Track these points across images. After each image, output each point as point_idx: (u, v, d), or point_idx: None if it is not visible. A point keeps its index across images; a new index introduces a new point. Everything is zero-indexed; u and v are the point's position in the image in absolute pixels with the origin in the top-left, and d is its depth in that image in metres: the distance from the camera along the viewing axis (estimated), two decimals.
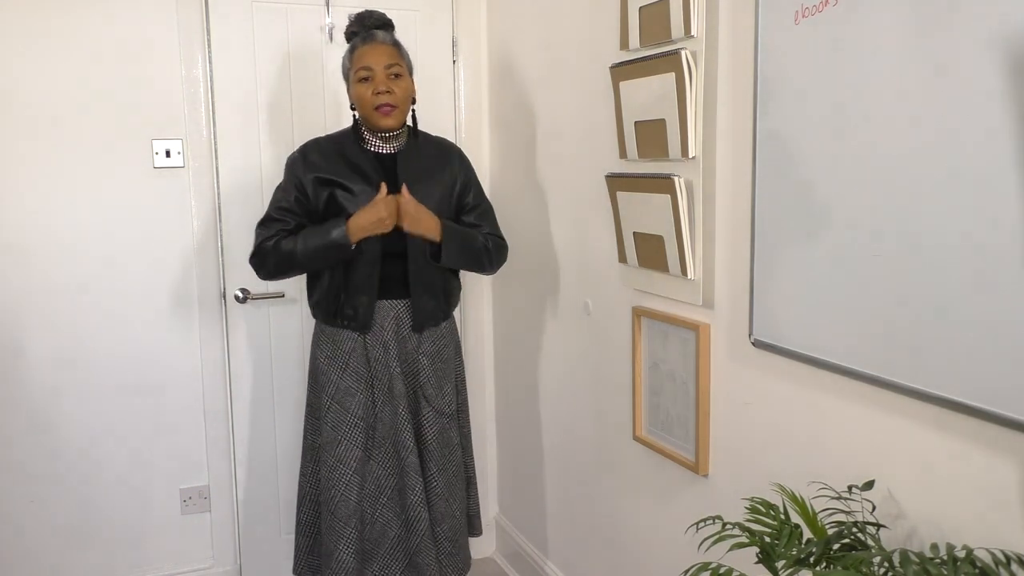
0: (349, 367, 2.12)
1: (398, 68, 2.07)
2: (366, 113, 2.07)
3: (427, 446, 2.16)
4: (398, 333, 2.14)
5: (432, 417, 2.16)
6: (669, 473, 1.89)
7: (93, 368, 2.53)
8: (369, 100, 2.04)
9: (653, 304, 1.90)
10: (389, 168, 2.12)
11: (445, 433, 2.19)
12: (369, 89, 2.04)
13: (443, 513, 2.17)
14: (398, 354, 2.13)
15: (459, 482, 2.23)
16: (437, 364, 2.18)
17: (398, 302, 2.13)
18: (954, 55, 1.09)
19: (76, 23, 2.41)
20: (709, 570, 1.11)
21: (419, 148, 2.17)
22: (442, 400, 2.18)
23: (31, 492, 2.52)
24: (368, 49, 2.06)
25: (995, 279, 1.06)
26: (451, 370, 2.24)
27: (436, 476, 2.16)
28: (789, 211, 1.42)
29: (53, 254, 2.46)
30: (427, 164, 2.16)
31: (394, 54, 2.07)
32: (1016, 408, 1.04)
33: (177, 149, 2.55)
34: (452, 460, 2.20)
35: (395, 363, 2.12)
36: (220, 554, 2.72)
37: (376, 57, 2.04)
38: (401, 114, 2.09)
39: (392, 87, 2.05)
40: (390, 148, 2.14)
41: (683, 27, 1.64)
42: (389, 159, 2.13)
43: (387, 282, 2.11)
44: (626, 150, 1.88)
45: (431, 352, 2.18)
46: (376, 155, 2.13)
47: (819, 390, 1.41)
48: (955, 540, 1.10)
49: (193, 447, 2.66)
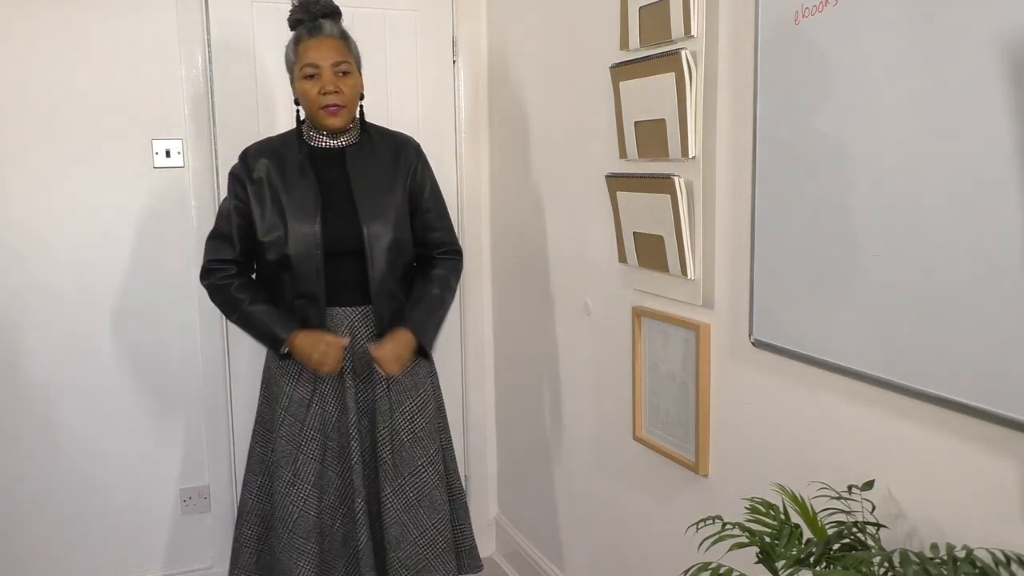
0: (302, 377, 2.02)
1: (346, 65, 1.95)
2: (311, 111, 1.97)
3: (382, 465, 2.02)
4: (353, 344, 2.01)
5: (386, 435, 2.03)
6: (669, 473, 1.89)
7: (93, 368, 2.53)
8: (315, 99, 1.93)
9: (653, 304, 1.90)
10: (338, 163, 2.02)
11: (403, 452, 2.04)
12: (315, 87, 1.92)
13: (398, 538, 2.02)
14: (353, 367, 2.01)
15: (422, 508, 2.05)
16: (394, 380, 2.04)
17: (352, 309, 2.01)
18: (954, 55, 1.09)
19: (76, 23, 2.41)
20: (709, 570, 1.11)
21: (371, 143, 2.06)
22: (400, 417, 2.04)
23: (31, 492, 2.52)
24: (314, 43, 1.93)
25: (995, 279, 1.06)
26: (419, 385, 2.09)
27: (390, 497, 2.02)
28: (789, 211, 1.42)
29: (53, 254, 2.46)
30: (380, 161, 2.05)
31: (342, 49, 1.95)
32: (1016, 408, 1.04)
33: (177, 149, 2.55)
34: (412, 483, 2.05)
35: (348, 373, 2.01)
36: (220, 554, 2.72)
37: (323, 53, 1.92)
38: (348, 113, 1.98)
39: (340, 85, 1.93)
40: (338, 143, 2.04)
41: (683, 27, 1.64)
42: (338, 154, 2.03)
43: (339, 288, 1.99)
44: (626, 150, 1.88)
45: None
46: (324, 151, 2.03)
47: (819, 390, 1.41)
48: (955, 540, 1.10)
49: (193, 447, 2.66)
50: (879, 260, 1.23)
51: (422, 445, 2.07)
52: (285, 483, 2.01)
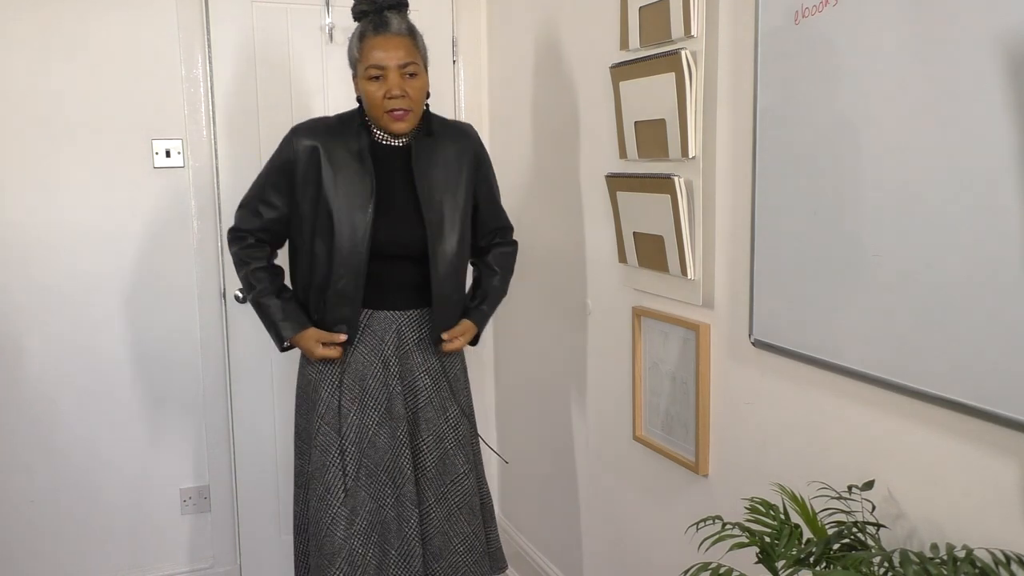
0: (343, 384, 1.93)
1: (413, 67, 1.83)
2: (375, 115, 1.86)
3: (425, 474, 1.96)
4: (399, 348, 1.93)
5: (431, 443, 1.96)
6: (669, 473, 1.89)
7: (93, 368, 2.53)
8: (380, 103, 1.83)
9: (653, 304, 1.90)
10: (401, 161, 1.92)
11: (446, 460, 1.98)
12: (381, 90, 1.82)
13: (440, 549, 1.96)
14: (400, 372, 1.93)
15: (463, 515, 1.99)
16: (441, 384, 1.99)
17: (401, 313, 1.94)
18: (954, 54, 1.09)
19: (76, 23, 2.41)
20: (709, 570, 1.11)
21: (435, 141, 1.95)
22: (445, 424, 1.98)
23: (31, 492, 2.52)
24: (381, 42, 1.82)
25: (995, 279, 1.06)
26: (459, 391, 2.05)
27: (434, 507, 1.95)
28: (789, 211, 1.42)
29: (53, 254, 2.46)
30: (445, 160, 1.95)
31: (410, 48, 1.84)
32: (1016, 408, 1.04)
33: (177, 149, 2.55)
34: (455, 491, 1.99)
35: (395, 381, 1.93)
36: (220, 554, 2.72)
37: (390, 53, 1.81)
38: (415, 117, 1.87)
39: (407, 89, 1.82)
40: (400, 141, 1.93)
41: (683, 27, 1.64)
42: (401, 151, 1.93)
43: (387, 290, 1.92)
44: (626, 150, 1.88)
45: (435, 371, 1.98)
46: (388, 148, 1.93)
47: (819, 390, 1.41)
48: (955, 540, 1.10)
49: (193, 447, 2.66)
50: (879, 260, 1.23)
51: (464, 451, 2.01)
52: (317, 497, 1.92)
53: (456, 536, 2.00)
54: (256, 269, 1.96)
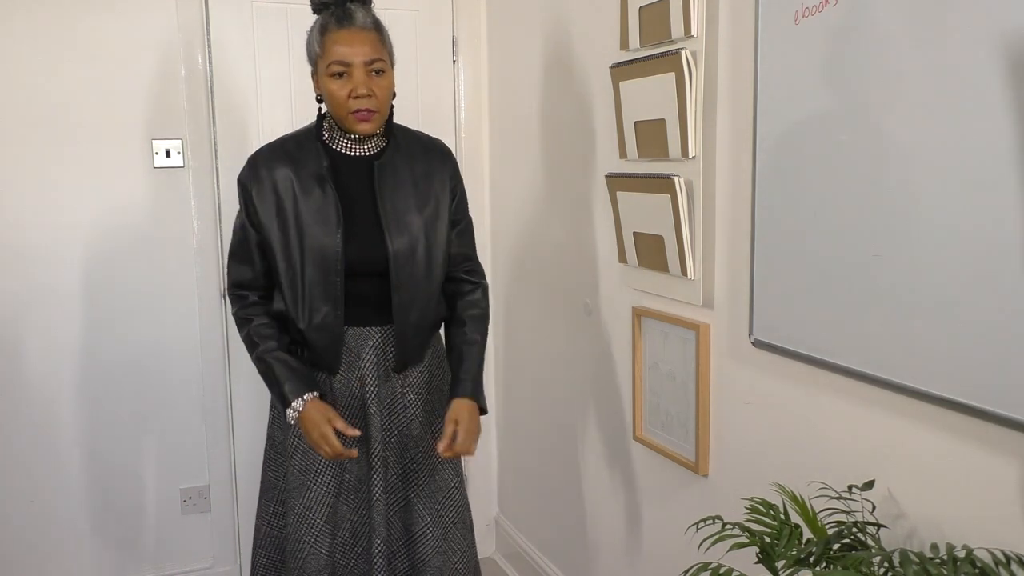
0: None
1: (380, 63, 1.68)
2: (339, 115, 1.71)
3: (419, 492, 1.87)
4: (378, 365, 1.80)
5: (421, 459, 1.87)
6: (669, 473, 1.89)
7: (93, 368, 2.53)
8: (344, 103, 1.68)
9: (653, 304, 1.90)
10: (364, 174, 1.78)
11: (436, 476, 1.89)
12: (344, 89, 1.67)
13: (440, 568, 1.87)
14: (377, 390, 1.81)
15: (458, 530, 1.92)
16: (427, 398, 1.88)
17: (378, 329, 1.80)
18: (954, 54, 1.09)
19: (76, 23, 2.41)
20: (709, 570, 1.11)
21: (401, 152, 1.81)
22: (432, 438, 1.87)
23: (31, 492, 2.52)
24: (344, 36, 1.66)
25: (995, 278, 1.06)
26: (444, 402, 1.90)
27: (431, 527, 1.86)
28: (789, 211, 1.42)
29: (53, 254, 2.46)
30: (411, 173, 1.81)
31: (376, 44, 1.69)
32: (1016, 408, 1.04)
33: (177, 149, 2.55)
34: (448, 506, 1.90)
35: (372, 400, 1.80)
36: (220, 554, 2.72)
37: (355, 49, 1.66)
38: (381, 118, 1.73)
39: (373, 87, 1.67)
40: (363, 150, 1.79)
41: (683, 27, 1.64)
42: (364, 164, 1.78)
43: (364, 307, 1.79)
44: (626, 150, 1.88)
45: (418, 385, 1.87)
46: (348, 159, 1.78)
47: (819, 390, 1.41)
48: (955, 540, 1.10)
49: (193, 447, 2.66)
50: (879, 260, 1.23)
51: (452, 465, 1.93)
52: (296, 516, 1.83)
53: (455, 553, 1.93)
54: (257, 326, 1.82)
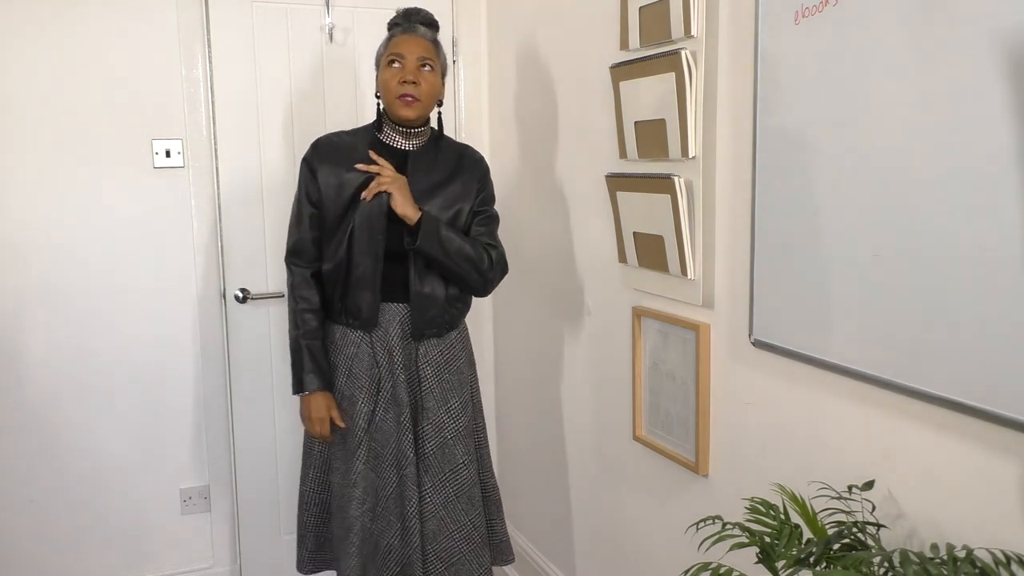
0: (352, 372, 2.05)
1: (431, 62, 1.98)
2: (389, 100, 1.99)
3: (424, 460, 2.06)
4: (403, 338, 2.04)
5: (431, 432, 2.06)
6: (669, 473, 1.89)
7: (93, 368, 2.53)
8: (394, 87, 1.96)
9: (653, 304, 1.90)
10: (400, 165, 2.02)
11: (445, 449, 2.07)
12: (396, 76, 1.96)
13: (435, 532, 2.07)
14: (403, 361, 2.04)
15: (460, 504, 2.08)
16: (443, 375, 2.08)
17: (402, 306, 2.04)
18: (954, 54, 1.09)
19: (76, 23, 2.41)
20: (709, 570, 1.11)
21: (437, 153, 2.08)
22: (446, 415, 2.07)
23: (31, 492, 2.52)
24: (405, 38, 1.98)
25: (995, 279, 1.06)
26: (463, 383, 2.12)
27: (430, 493, 2.06)
28: (789, 211, 1.42)
29: (53, 254, 2.46)
30: (440, 172, 2.06)
31: (430, 49, 2.00)
32: (1016, 408, 1.04)
33: (177, 149, 2.55)
34: (453, 479, 2.08)
35: (399, 370, 2.03)
36: (220, 554, 2.72)
37: (411, 46, 1.97)
38: (423, 108, 1.99)
39: (419, 79, 1.96)
40: (408, 145, 2.05)
41: (683, 27, 1.64)
42: (402, 155, 2.04)
43: (390, 284, 2.02)
44: (626, 150, 1.88)
45: (437, 362, 2.07)
46: (391, 149, 2.05)
47: (819, 390, 1.41)
48: (955, 540, 1.10)
49: (193, 447, 2.66)
50: (879, 260, 1.23)
51: (464, 443, 2.10)
52: (340, 476, 2.08)
53: (453, 523, 2.09)
54: (304, 311, 2.06)
